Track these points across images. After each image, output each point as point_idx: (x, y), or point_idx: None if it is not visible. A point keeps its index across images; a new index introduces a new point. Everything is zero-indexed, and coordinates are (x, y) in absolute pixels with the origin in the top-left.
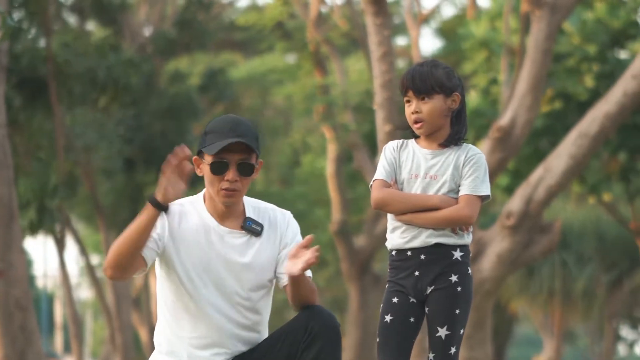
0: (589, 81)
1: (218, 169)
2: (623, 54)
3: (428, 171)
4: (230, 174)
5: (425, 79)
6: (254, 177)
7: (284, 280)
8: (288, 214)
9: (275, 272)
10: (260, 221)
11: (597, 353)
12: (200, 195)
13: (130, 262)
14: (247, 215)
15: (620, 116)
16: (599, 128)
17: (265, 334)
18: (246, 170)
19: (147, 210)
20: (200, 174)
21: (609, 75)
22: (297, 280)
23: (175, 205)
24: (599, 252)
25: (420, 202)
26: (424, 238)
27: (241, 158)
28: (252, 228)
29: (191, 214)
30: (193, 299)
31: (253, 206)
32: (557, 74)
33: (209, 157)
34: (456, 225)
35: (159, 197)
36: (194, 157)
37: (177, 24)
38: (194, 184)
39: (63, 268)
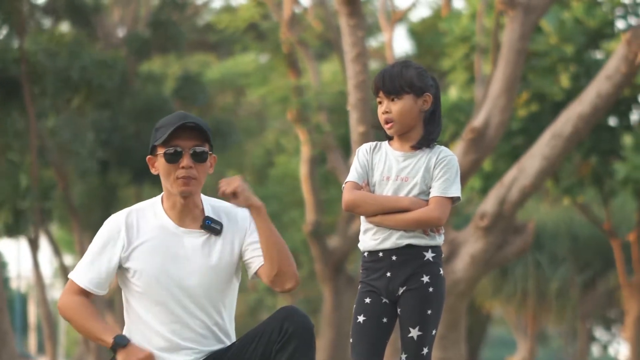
0: (565, 81)
1: (172, 157)
2: (598, 54)
3: (399, 173)
4: (185, 161)
5: (395, 79)
6: (210, 168)
7: (254, 265)
8: (245, 209)
9: (238, 267)
10: (219, 219)
11: (571, 354)
12: (158, 197)
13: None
14: (206, 214)
15: (594, 117)
16: (572, 129)
17: (231, 332)
18: (200, 156)
19: (103, 342)
20: (156, 173)
21: (585, 76)
22: (261, 220)
23: (133, 213)
24: (573, 253)
25: (391, 204)
26: (395, 239)
27: (194, 144)
28: (212, 227)
29: (149, 218)
30: (156, 304)
31: (211, 205)
32: (533, 73)
33: (162, 148)
34: (426, 227)
35: (120, 355)
36: (148, 157)
37: (151, 24)
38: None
39: (37, 269)
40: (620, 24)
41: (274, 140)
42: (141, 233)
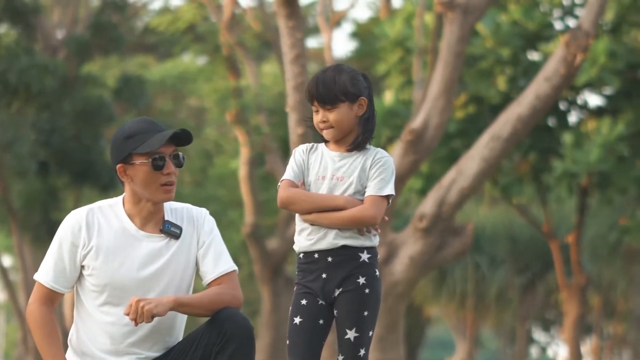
0: (501, 84)
1: (160, 164)
2: (536, 56)
3: (335, 173)
4: (170, 168)
5: (329, 88)
6: None
7: (209, 277)
8: (204, 211)
9: (195, 271)
10: (178, 223)
11: (510, 355)
12: (119, 199)
13: None
14: (166, 218)
15: (533, 119)
16: (511, 130)
17: (180, 337)
18: (179, 161)
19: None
20: (127, 180)
21: (523, 78)
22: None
23: (93, 211)
24: (512, 255)
25: (326, 202)
26: (331, 240)
27: (173, 150)
28: (171, 231)
29: (110, 218)
30: (109, 304)
31: (170, 208)
32: (470, 76)
33: (143, 156)
34: (361, 225)
35: None
36: (119, 166)
37: (91, 26)
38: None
39: None
40: (558, 26)
41: (213, 141)
42: (101, 232)
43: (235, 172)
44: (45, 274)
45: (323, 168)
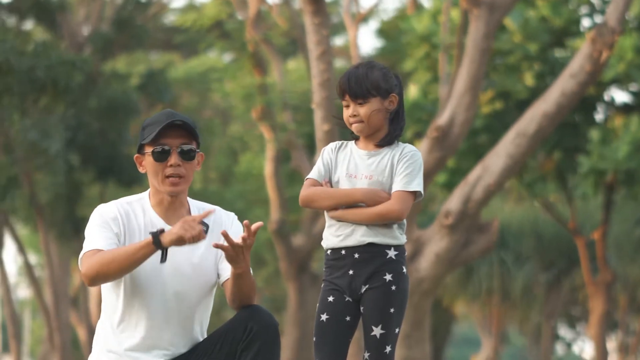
0: (529, 79)
1: (160, 155)
2: (564, 53)
3: (364, 171)
4: (173, 159)
5: (361, 83)
6: (197, 166)
7: (225, 275)
8: (232, 215)
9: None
10: (205, 221)
11: (535, 352)
12: (145, 194)
13: (116, 276)
14: (192, 214)
15: (558, 115)
16: (537, 127)
17: (205, 334)
18: (188, 154)
19: (146, 248)
20: (143, 171)
21: (550, 74)
22: (239, 275)
23: (122, 205)
24: (537, 252)
25: (345, 198)
26: (358, 237)
27: (181, 142)
28: None
29: (138, 213)
30: (137, 300)
31: (198, 207)
32: (497, 71)
33: (150, 147)
34: (387, 221)
35: (166, 240)
36: (136, 156)
37: (115, 23)
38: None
39: (1, 267)
40: (585, 22)
41: (239, 139)
42: (131, 226)
43: (260, 169)
44: (93, 242)
45: (353, 167)
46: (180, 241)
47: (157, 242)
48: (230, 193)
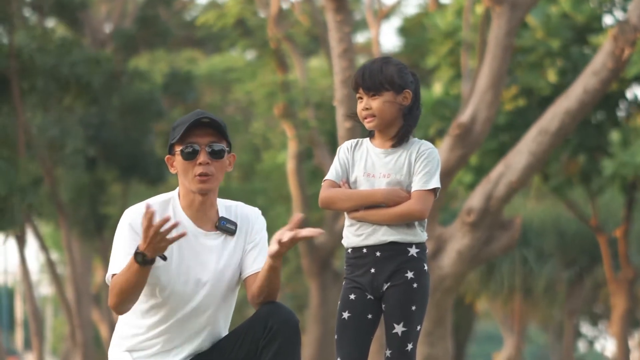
0: (552, 76)
1: (189, 154)
2: (586, 49)
3: (382, 170)
4: (202, 157)
5: (375, 76)
6: (228, 166)
7: (250, 270)
8: (257, 210)
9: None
10: (233, 219)
11: (557, 350)
12: (174, 193)
13: (136, 298)
14: (221, 215)
15: (581, 113)
16: (559, 125)
17: (227, 329)
18: (217, 153)
19: (134, 270)
20: (175, 172)
21: (572, 71)
22: (275, 267)
23: (155, 206)
24: (559, 249)
25: (365, 198)
26: (380, 236)
27: (210, 141)
28: (227, 227)
29: (168, 214)
30: (163, 299)
31: (225, 205)
32: (520, 67)
33: (179, 146)
34: (409, 220)
35: (148, 253)
36: (167, 157)
37: (138, 20)
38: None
39: (23, 264)
40: (607, 19)
41: (261, 136)
42: None
43: (282, 166)
44: (118, 267)
45: (370, 165)
46: (158, 250)
47: (141, 261)
48: (252, 190)
